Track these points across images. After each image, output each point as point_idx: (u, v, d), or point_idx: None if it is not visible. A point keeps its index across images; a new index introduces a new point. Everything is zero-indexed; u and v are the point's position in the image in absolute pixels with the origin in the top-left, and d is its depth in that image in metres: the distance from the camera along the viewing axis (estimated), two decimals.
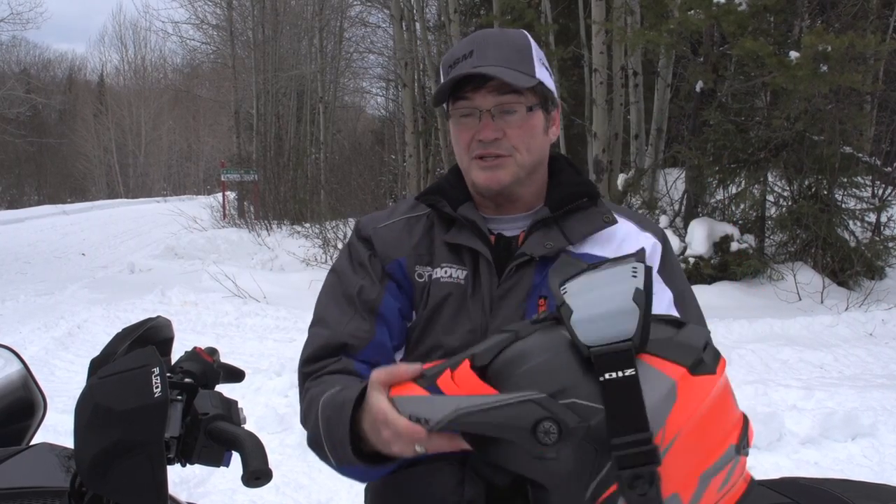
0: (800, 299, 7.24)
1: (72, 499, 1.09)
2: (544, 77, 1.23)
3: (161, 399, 1.00)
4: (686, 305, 1.24)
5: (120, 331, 1.24)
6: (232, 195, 19.59)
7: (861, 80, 7.07)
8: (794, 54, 7.05)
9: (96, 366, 1.16)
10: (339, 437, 1.03)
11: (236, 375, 1.31)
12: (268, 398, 4.57)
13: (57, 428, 2.77)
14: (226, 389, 1.23)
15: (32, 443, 1.34)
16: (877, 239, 7.99)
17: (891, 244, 7.94)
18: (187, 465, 1.12)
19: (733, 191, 8.39)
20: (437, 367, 0.87)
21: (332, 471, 1.12)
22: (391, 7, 14.73)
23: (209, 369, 1.22)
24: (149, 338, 1.21)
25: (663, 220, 8.40)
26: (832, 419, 3.85)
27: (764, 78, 7.64)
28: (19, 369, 1.39)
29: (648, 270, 0.81)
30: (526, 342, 0.83)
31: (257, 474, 1.00)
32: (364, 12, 19.92)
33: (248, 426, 1.14)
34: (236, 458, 1.07)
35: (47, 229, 19.93)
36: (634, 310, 0.78)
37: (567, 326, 0.80)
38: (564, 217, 1.25)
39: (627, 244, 1.22)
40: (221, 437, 1.08)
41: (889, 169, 8.36)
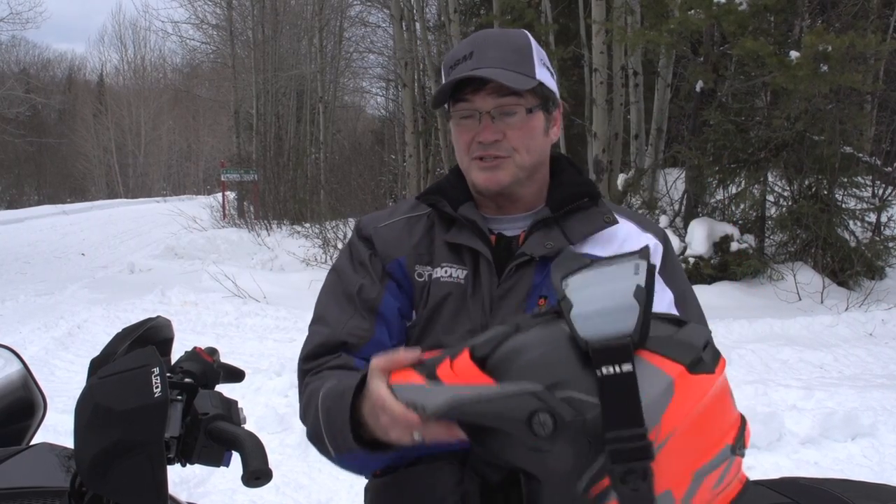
0: (800, 299, 7.24)
1: (72, 499, 1.09)
2: (545, 78, 1.23)
3: (161, 399, 1.00)
4: (687, 306, 1.24)
5: (120, 331, 1.24)
6: (232, 195, 19.57)
7: (861, 80, 7.08)
8: (794, 54, 7.05)
9: (96, 366, 1.16)
10: (339, 423, 1.03)
11: (236, 375, 1.31)
12: (268, 398, 4.57)
13: (57, 428, 2.77)
14: (226, 389, 1.23)
15: (32, 443, 1.34)
16: (877, 239, 7.99)
17: (891, 244, 7.94)
18: (187, 465, 1.12)
19: (733, 191, 8.39)
20: (437, 357, 0.88)
21: (332, 471, 1.12)
22: (391, 7, 14.72)
23: (209, 369, 1.22)
24: (149, 338, 1.21)
25: (663, 220, 8.40)
26: (832, 419, 3.85)
27: (764, 78, 7.64)
28: (19, 369, 1.39)
29: (651, 268, 0.81)
30: (526, 335, 0.84)
31: (257, 474, 1.01)
32: (364, 12, 19.94)
33: (248, 426, 1.15)
34: (236, 458, 1.07)
35: (47, 229, 19.92)
36: (635, 306, 0.78)
37: (567, 320, 0.80)
38: (565, 217, 1.25)
39: (628, 245, 1.22)
40: (221, 437, 1.08)
41: (889, 169, 8.36)
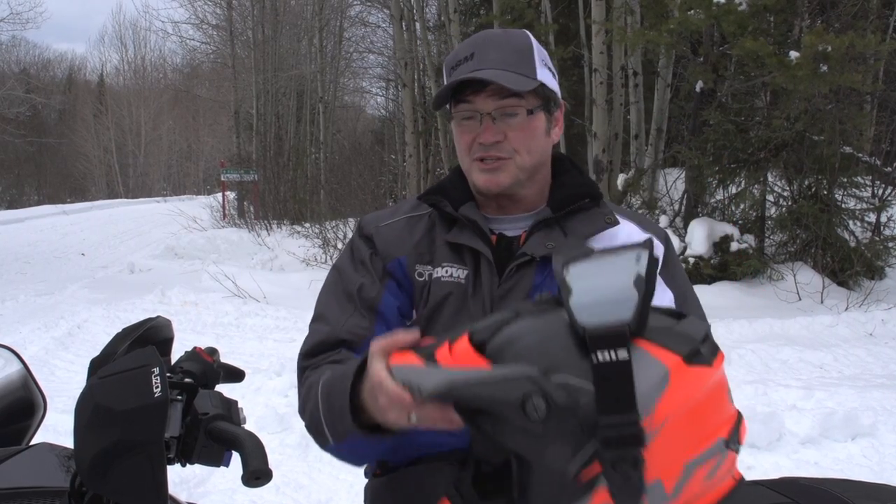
0: (800, 299, 7.24)
1: (72, 499, 1.09)
2: (546, 78, 1.23)
3: (161, 399, 1.00)
4: (688, 306, 1.24)
5: (120, 331, 1.24)
6: (232, 195, 19.56)
7: (861, 80, 7.07)
8: (794, 54, 7.05)
9: (96, 366, 1.16)
10: (339, 405, 1.04)
11: (236, 375, 1.31)
12: (268, 398, 4.57)
13: (57, 428, 2.77)
14: (226, 389, 1.23)
15: (32, 443, 1.34)
16: (877, 239, 7.99)
17: (891, 244, 7.94)
18: (187, 465, 1.12)
19: (733, 191, 8.39)
20: (438, 341, 0.89)
21: (332, 471, 1.12)
22: (391, 7, 14.72)
23: (209, 369, 1.22)
24: (149, 338, 1.21)
25: (663, 220, 8.40)
26: (832, 419, 3.85)
27: (764, 78, 7.64)
28: (19, 369, 1.39)
29: (653, 259, 0.81)
30: (525, 321, 0.84)
31: (257, 474, 1.01)
32: (364, 12, 19.96)
33: (248, 426, 1.15)
34: (236, 458, 1.07)
35: (47, 229, 19.92)
36: (634, 295, 0.79)
37: (565, 306, 0.80)
38: (566, 217, 1.25)
39: None
40: (221, 437, 1.08)
41: (889, 169, 8.36)
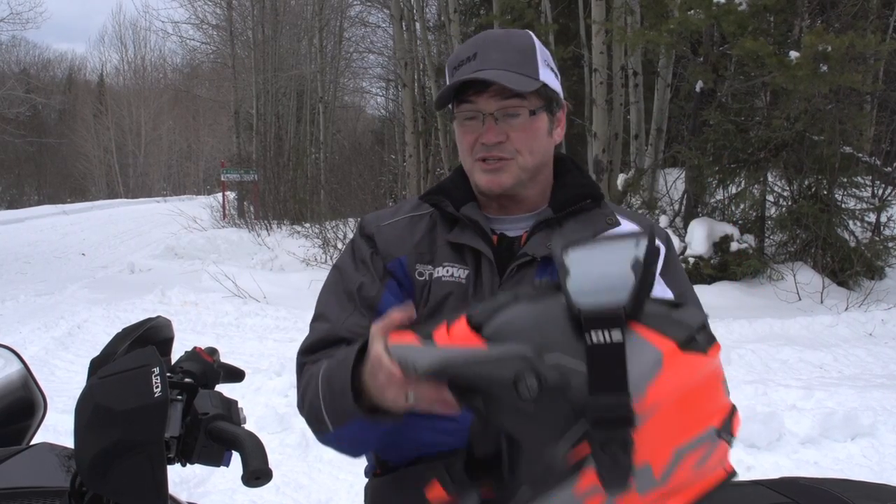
0: (800, 299, 7.24)
1: (72, 499, 1.09)
2: (549, 79, 1.23)
3: (161, 399, 1.00)
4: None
5: (120, 331, 1.24)
6: (232, 195, 19.57)
7: (861, 80, 7.08)
8: (794, 54, 7.05)
9: (96, 366, 1.16)
10: (339, 387, 1.04)
11: (236, 375, 1.31)
12: (268, 398, 4.57)
13: (57, 428, 2.77)
14: (226, 389, 1.23)
15: (32, 443, 1.34)
16: (877, 239, 7.99)
17: (891, 244, 7.94)
18: (187, 465, 1.12)
19: (733, 191, 8.39)
20: (437, 323, 0.89)
21: (332, 471, 1.12)
22: (391, 7, 14.72)
23: (209, 369, 1.22)
24: (149, 338, 1.21)
25: (663, 220, 8.40)
26: (832, 419, 3.85)
27: (764, 78, 7.64)
28: (19, 369, 1.39)
29: (652, 246, 0.81)
30: (523, 304, 0.85)
31: (257, 474, 1.01)
32: (364, 12, 19.96)
33: (248, 426, 1.14)
34: (236, 458, 1.07)
35: (47, 229, 19.92)
36: (631, 278, 0.79)
37: (563, 288, 0.81)
38: (567, 218, 1.25)
39: None
40: (221, 437, 1.08)
41: (889, 169, 8.36)
